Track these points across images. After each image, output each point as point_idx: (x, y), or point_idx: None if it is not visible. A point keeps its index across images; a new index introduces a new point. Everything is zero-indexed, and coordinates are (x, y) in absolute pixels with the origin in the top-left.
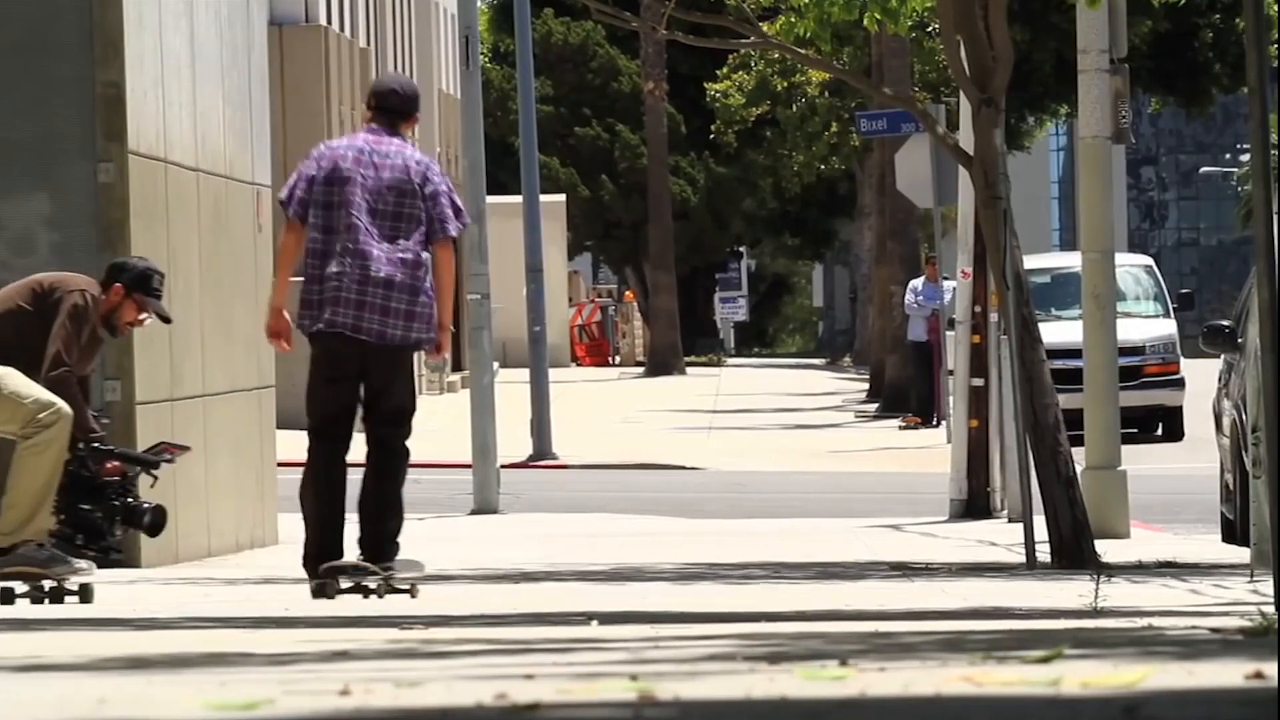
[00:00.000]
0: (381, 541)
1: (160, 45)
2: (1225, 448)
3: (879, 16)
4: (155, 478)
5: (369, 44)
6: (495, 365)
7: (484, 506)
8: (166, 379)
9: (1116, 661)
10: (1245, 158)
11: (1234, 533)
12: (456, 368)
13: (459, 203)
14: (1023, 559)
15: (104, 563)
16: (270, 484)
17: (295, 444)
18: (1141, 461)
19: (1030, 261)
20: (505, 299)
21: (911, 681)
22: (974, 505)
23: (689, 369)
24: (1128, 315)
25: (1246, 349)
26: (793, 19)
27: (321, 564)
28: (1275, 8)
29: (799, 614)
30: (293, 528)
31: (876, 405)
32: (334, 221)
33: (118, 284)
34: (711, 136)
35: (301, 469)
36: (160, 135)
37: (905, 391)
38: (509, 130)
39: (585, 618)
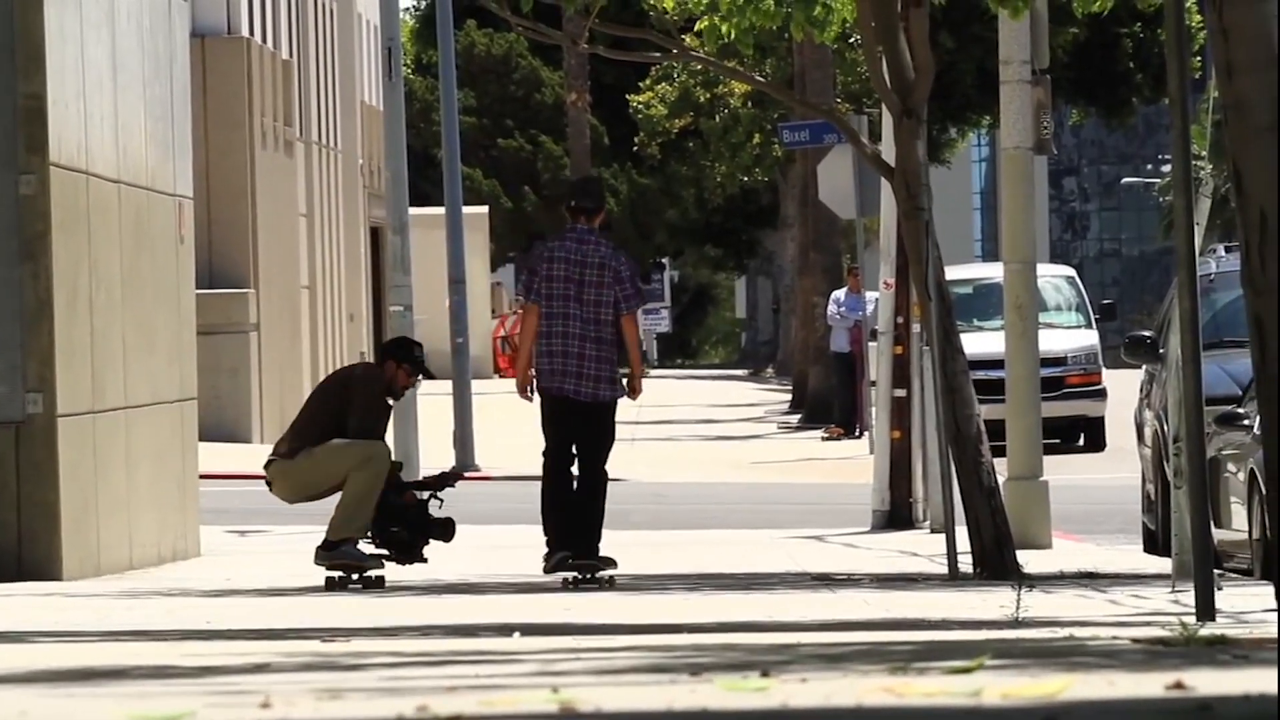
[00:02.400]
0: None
1: (82, 56)
2: (1147, 458)
3: (804, 25)
4: (441, 500)
5: (292, 56)
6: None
7: None
8: (88, 391)
9: (1037, 672)
10: (1167, 168)
11: (1156, 543)
12: None
13: (639, 284)
14: (945, 570)
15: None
16: (192, 496)
17: (217, 456)
18: (1063, 472)
19: (952, 272)
20: (428, 310)
21: (833, 692)
22: (896, 516)
23: None
24: (1050, 326)
25: (1168, 360)
26: (717, 20)
27: (557, 552)
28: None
29: (721, 625)
30: (214, 540)
31: (799, 416)
32: (554, 308)
33: (390, 360)
34: (635, 148)
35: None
36: (82, 147)
37: (828, 402)
38: (432, 141)
39: (507, 629)
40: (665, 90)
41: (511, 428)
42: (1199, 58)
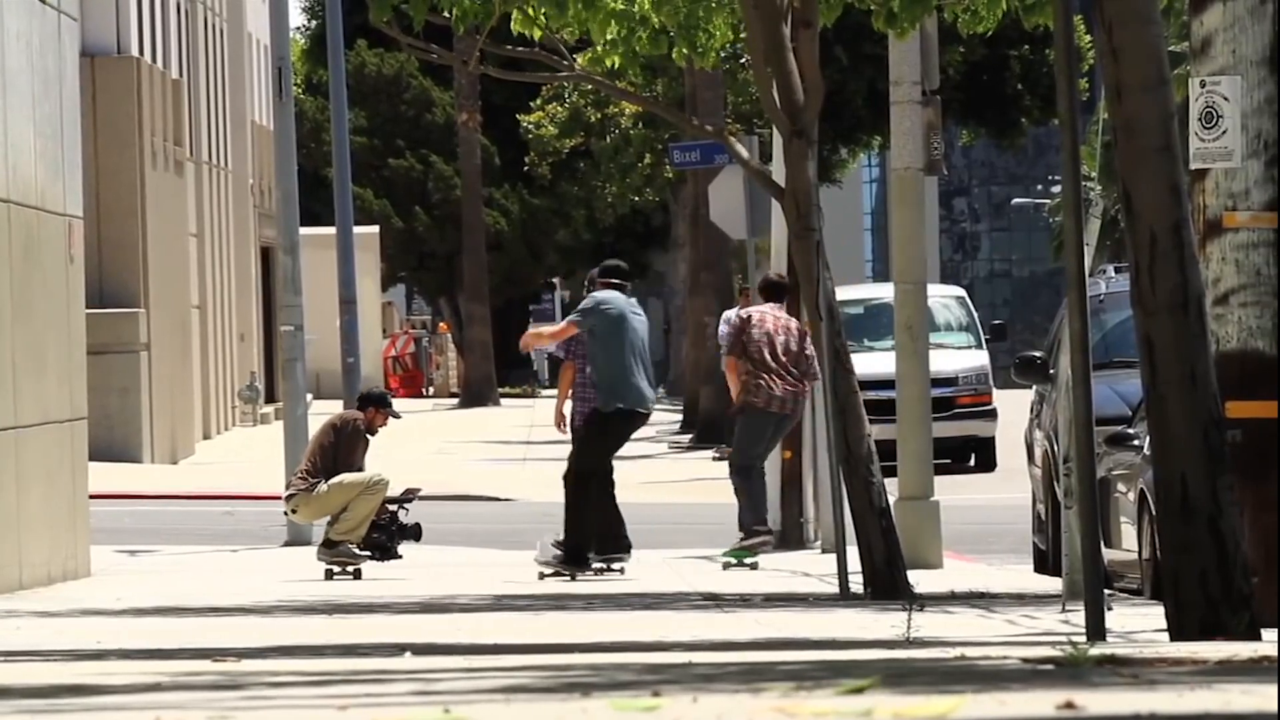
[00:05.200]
0: None
1: None
2: (1037, 478)
3: (686, 51)
4: (407, 510)
5: (181, 75)
6: (309, 397)
7: (297, 538)
8: None
9: (929, 692)
10: (1057, 189)
11: (1046, 563)
12: (270, 399)
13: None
14: (836, 589)
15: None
16: (83, 516)
17: (107, 476)
18: (954, 492)
19: (843, 292)
20: (319, 330)
21: (724, 712)
22: (788, 536)
23: (503, 400)
24: (940, 346)
25: (1058, 380)
26: (600, 51)
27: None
28: (1085, 38)
29: (613, 645)
30: (104, 560)
31: (690, 436)
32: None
33: (370, 406)
34: (526, 168)
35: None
36: None
37: (719, 422)
38: (322, 161)
39: (398, 649)
40: (556, 110)
41: (403, 447)
42: (1088, 79)
